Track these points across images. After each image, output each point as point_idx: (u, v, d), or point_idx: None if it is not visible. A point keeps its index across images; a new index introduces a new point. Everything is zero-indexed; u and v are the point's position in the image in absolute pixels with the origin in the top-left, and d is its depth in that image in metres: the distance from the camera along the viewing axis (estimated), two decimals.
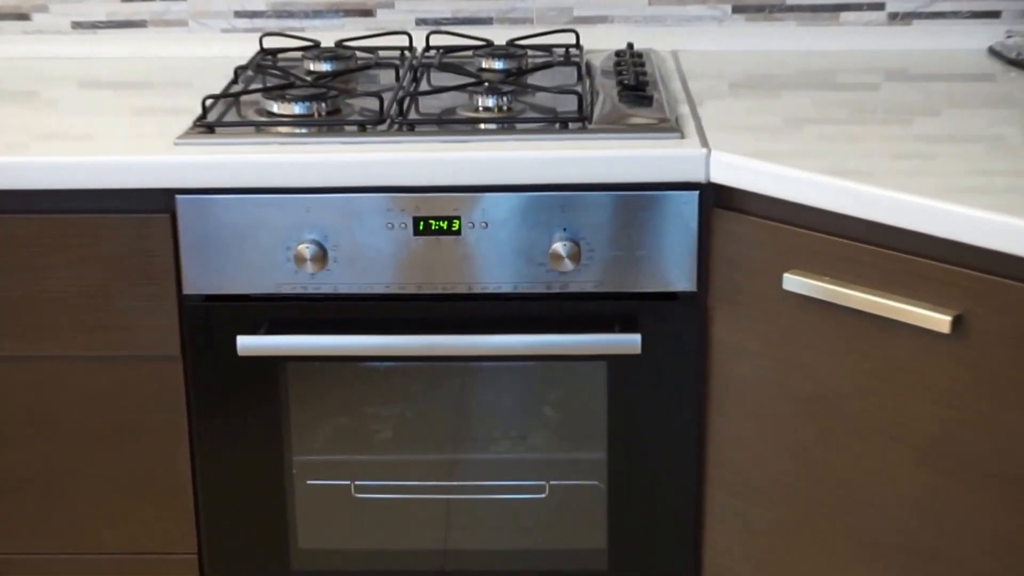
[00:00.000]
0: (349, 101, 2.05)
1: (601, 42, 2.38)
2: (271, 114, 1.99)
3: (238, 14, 2.44)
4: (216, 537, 2.04)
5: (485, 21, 2.43)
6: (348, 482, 2.06)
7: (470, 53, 2.29)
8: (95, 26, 2.45)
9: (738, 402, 1.90)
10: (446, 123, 1.97)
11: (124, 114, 2.14)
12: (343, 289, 1.90)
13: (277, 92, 2.02)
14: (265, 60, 2.29)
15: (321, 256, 1.87)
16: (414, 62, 2.28)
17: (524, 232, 1.87)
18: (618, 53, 2.31)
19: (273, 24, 2.43)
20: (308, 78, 2.13)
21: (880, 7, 2.41)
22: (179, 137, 1.91)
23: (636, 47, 2.35)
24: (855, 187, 1.70)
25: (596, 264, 1.88)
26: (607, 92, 2.09)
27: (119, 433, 1.99)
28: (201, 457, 2.00)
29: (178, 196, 1.87)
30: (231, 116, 2.01)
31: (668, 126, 1.91)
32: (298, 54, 2.28)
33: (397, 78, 2.19)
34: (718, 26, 2.43)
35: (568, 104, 2.00)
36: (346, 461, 2.07)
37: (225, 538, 2.04)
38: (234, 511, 2.02)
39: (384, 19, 2.43)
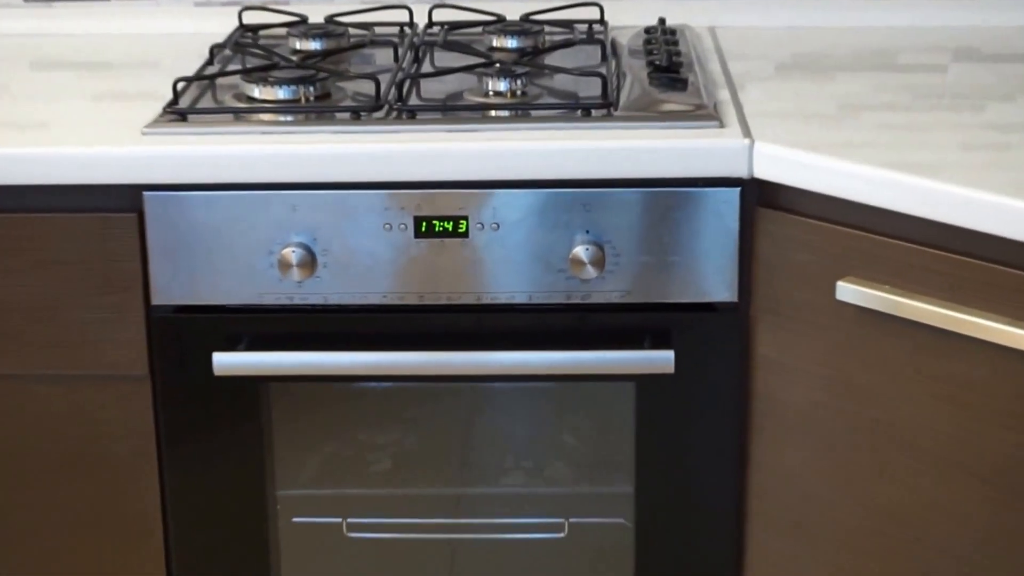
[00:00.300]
0: (341, 84, 2.06)
1: (629, 17, 2.38)
2: (252, 99, 1.99)
3: None
4: None
5: None
6: (339, 519, 2.06)
7: (479, 30, 2.29)
8: None
9: (785, 428, 1.90)
10: (451, 110, 1.98)
11: (84, 99, 2.15)
12: (334, 299, 1.91)
13: (258, 74, 2.03)
14: (245, 37, 2.30)
15: (309, 261, 1.87)
16: (415, 40, 2.29)
17: (541, 234, 1.87)
18: (648, 30, 2.32)
19: None
20: (294, 58, 2.14)
21: None
22: (147, 126, 1.91)
23: (669, 23, 2.36)
24: (919, 183, 1.70)
25: (623, 271, 1.88)
26: (635, 74, 2.10)
27: (78, 463, 1.99)
28: (172, 490, 2.00)
29: (146, 193, 1.87)
30: (206, 102, 2.02)
31: (705, 113, 1.92)
32: (282, 31, 2.30)
33: (396, 58, 2.19)
34: None
35: (591, 88, 2.00)
36: (337, 496, 2.08)
37: None
38: (209, 552, 2.03)
39: None
